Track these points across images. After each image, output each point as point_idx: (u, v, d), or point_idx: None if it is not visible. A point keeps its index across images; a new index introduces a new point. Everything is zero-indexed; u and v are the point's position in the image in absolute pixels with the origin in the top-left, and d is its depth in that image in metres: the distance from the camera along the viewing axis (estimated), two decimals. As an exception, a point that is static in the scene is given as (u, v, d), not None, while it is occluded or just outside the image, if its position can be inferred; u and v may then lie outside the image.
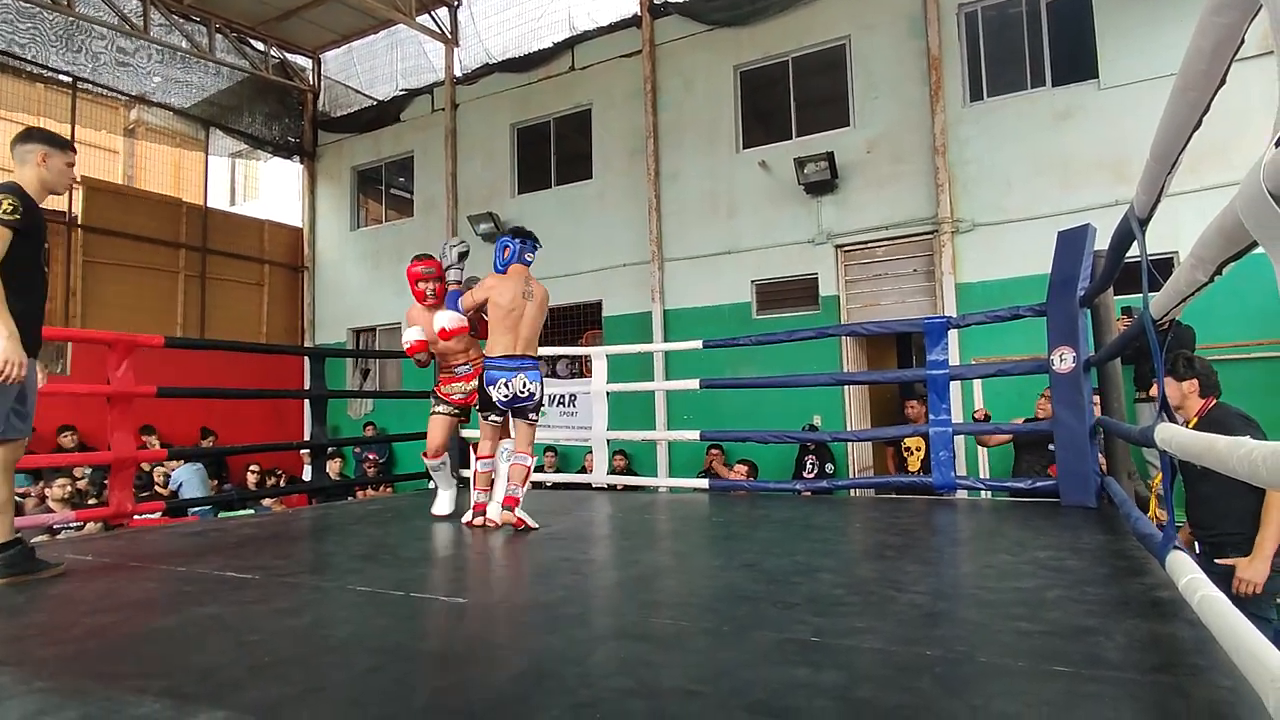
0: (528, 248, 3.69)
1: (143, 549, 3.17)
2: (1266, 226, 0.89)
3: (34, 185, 2.56)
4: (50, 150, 2.59)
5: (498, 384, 3.54)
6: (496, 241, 3.68)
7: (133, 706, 1.37)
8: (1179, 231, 6.00)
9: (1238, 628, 1.30)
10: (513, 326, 3.58)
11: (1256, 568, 2.88)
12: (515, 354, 3.58)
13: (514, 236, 3.67)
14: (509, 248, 3.66)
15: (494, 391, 3.54)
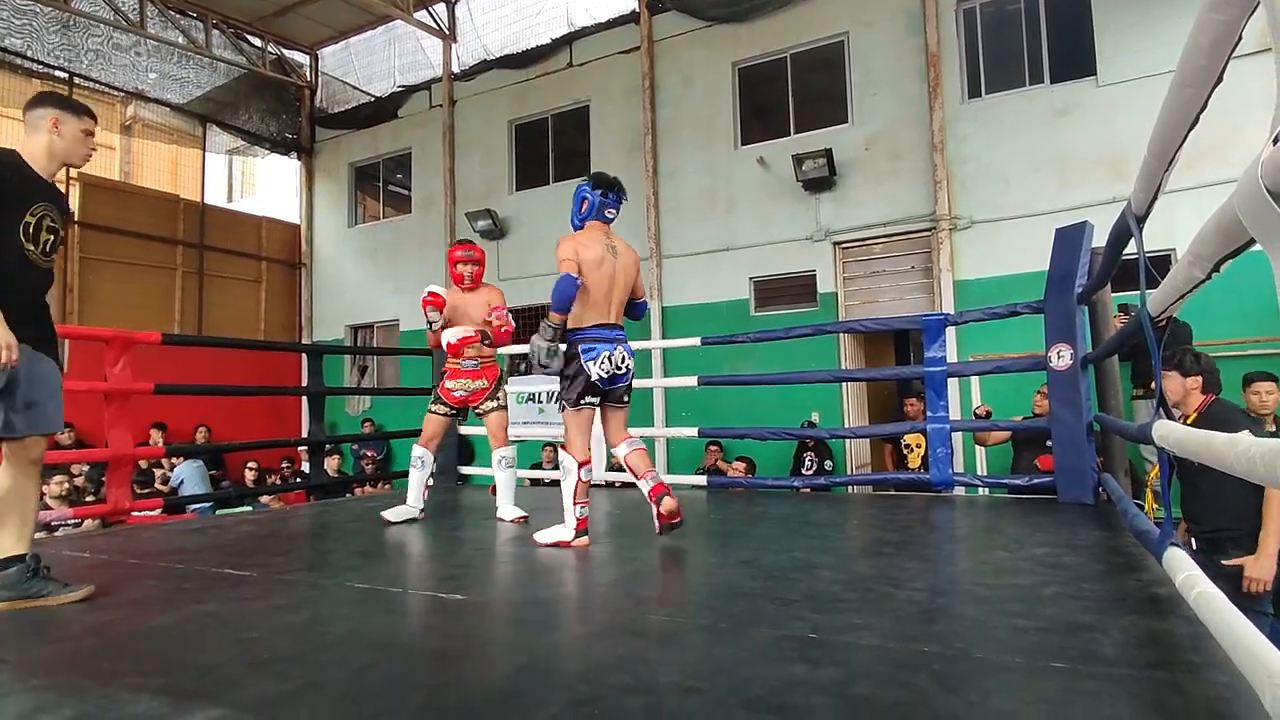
0: (609, 202, 3.11)
1: (141, 546, 3.16)
2: (1264, 224, 0.89)
3: (42, 154, 2.28)
4: (63, 115, 2.29)
5: (599, 359, 2.99)
6: (575, 192, 3.14)
7: (129, 704, 1.37)
8: (1176, 229, 6.00)
9: (1234, 624, 1.30)
10: (604, 290, 3.03)
11: (1263, 566, 2.89)
12: (610, 322, 3.06)
13: (594, 186, 3.09)
14: (586, 199, 3.10)
15: (594, 368, 2.98)
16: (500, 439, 3.88)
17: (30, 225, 2.22)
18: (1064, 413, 3.69)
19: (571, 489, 2.98)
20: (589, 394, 3.02)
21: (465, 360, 3.85)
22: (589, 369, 2.98)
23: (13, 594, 2.13)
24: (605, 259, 3.02)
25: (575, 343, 3.02)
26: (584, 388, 3.01)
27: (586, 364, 2.98)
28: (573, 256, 2.96)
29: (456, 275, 3.86)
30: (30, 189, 2.23)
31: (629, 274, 3.13)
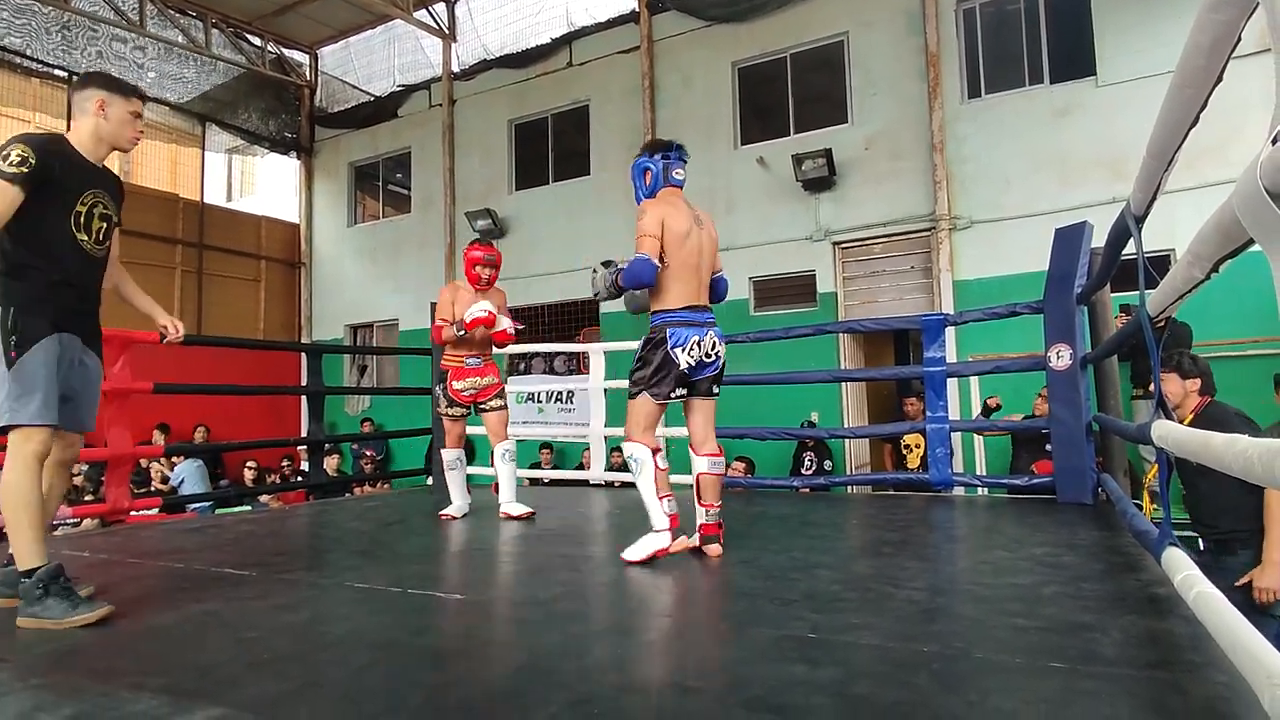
0: (673, 161, 2.75)
1: (140, 545, 3.16)
2: (1263, 224, 0.89)
3: (89, 138, 2.20)
4: (109, 96, 2.20)
5: (687, 345, 2.62)
6: (633, 167, 2.82)
7: (129, 703, 1.37)
8: (1175, 229, 5.99)
9: (1234, 624, 1.30)
10: (692, 266, 2.67)
11: (1270, 575, 2.87)
12: (699, 304, 2.71)
13: (651, 153, 2.76)
14: (650, 169, 2.75)
15: (682, 356, 2.61)
16: (501, 434, 3.87)
17: (81, 214, 2.17)
18: (1063, 413, 3.69)
19: (651, 483, 2.61)
20: (678, 385, 2.66)
21: (469, 358, 3.82)
22: (677, 357, 2.61)
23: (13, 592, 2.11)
24: (692, 231, 2.67)
25: (661, 327, 2.65)
26: (675, 379, 2.64)
27: (674, 351, 2.61)
28: (656, 231, 2.59)
29: (474, 276, 3.81)
30: (79, 176, 2.17)
31: (713, 248, 2.80)
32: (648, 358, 2.65)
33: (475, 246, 3.86)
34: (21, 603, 1.92)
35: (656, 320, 2.67)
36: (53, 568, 1.96)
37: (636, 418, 2.67)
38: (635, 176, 2.79)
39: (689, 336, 2.63)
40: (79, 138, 2.21)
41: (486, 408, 3.88)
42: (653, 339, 2.66)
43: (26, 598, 1.91)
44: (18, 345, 2.02)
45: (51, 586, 1.93)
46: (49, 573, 1.94)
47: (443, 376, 3.87)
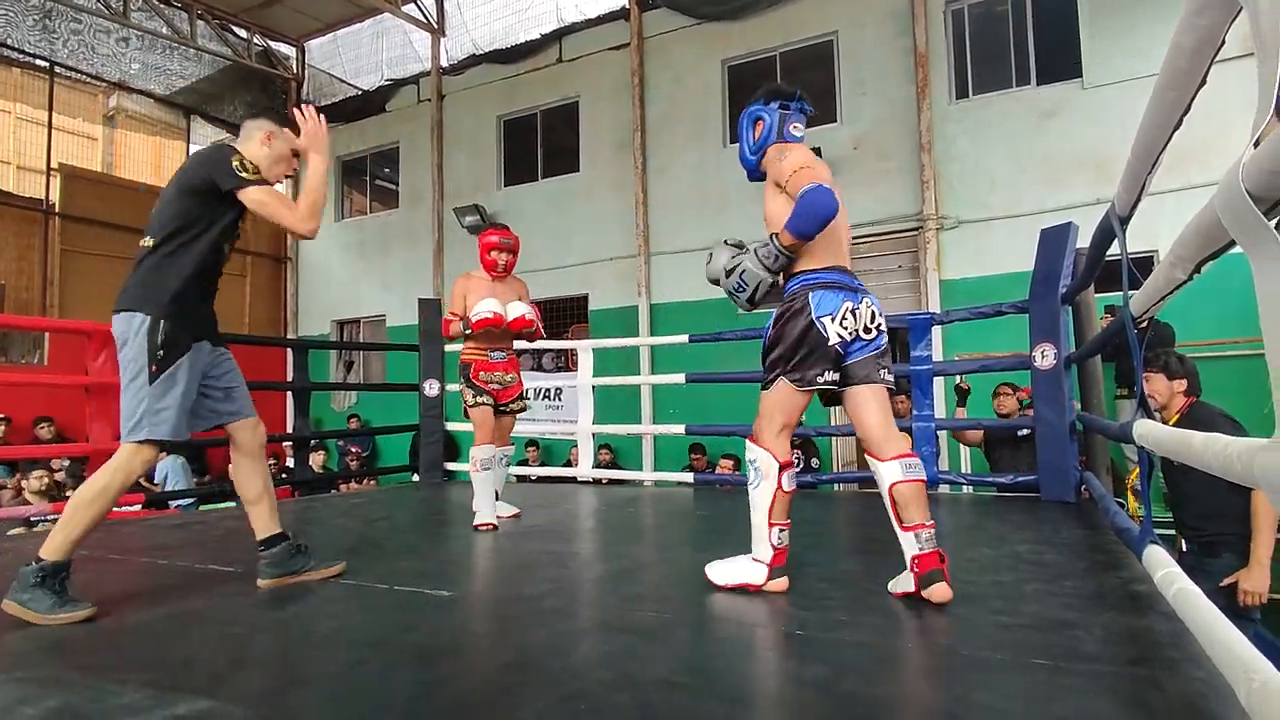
0: (792, 114, 2.31)
1: (123, 541, 3.13)
2: (1245, 225, 0.90)
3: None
4: (278, 131, 2.33)
5: (838, 313, 2.02)
6: (743, 117, 2.37)
7: (114, 696, 1.36)
8: (1159, 230, 6.06)
9: (1212, 621, 1.32)
10: (836, 224, 2.09)
11: (1256, 577, 2.88)
12: (848, 267, 2.16)
13: (767, 100, 2.31)
14: (763, 120, 2.30)
15: (830, 327, 2.01)
16: (506, 439, 3.72)
17: (236, 224, 2.27)
18: (1047, 412, 3.73)
19: (767, 502, 2.08)
20: (827, 368, 2.02)
21: (493, 352, 3.57)
22: (825, 329, 2.01)
23: (279, 570, 2.26)
24: (835, 185, 2.08)
25: (801, 292, 2.07)
26: (820, 360, 2.01)
27: (820, 322, 2.01)
28: (811, 163, 2.11)
29: (490, 262, 3.56)
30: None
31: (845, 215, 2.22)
32: (784, 333, 2.06)
33: (491, 231, 3.59)
34: (14, 585, 1.92)
35: (793, 285, 2.11)
36: (61, 563, 1.96)
37: (769, 413, 2.09)
38: (744, 127, 2.32)
39: (839, 302, 2.03)
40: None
41: (507, 410, 3.65)
42: (790, 309, 2.07)
43: (21, 581, 1.91)
44: (162, 361, 2.07)
45: (49, 580, 1.92)
46: (54, 566, 1.94)
47: (465, 370, 3.58)
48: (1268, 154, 0.82)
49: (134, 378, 2.06)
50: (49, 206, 9.66)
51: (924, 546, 1.94)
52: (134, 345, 2.07)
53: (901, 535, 1.99)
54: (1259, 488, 0.93)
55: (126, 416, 2.06)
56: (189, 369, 2.12)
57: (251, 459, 2.33)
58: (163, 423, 2.06)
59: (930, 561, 1.93)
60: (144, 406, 2.04)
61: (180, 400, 2.09)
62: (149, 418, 2.05)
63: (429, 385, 5.57)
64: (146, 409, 2.04)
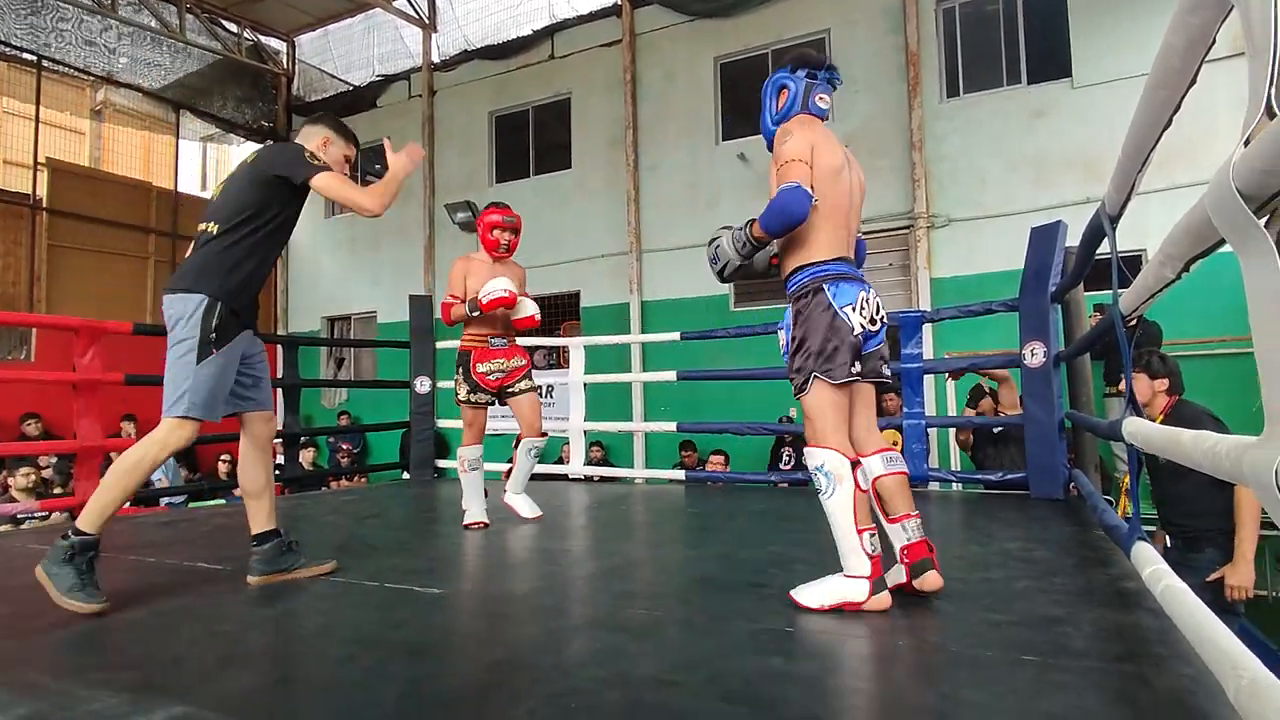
0: (819, 84, 2.13)
1: (110, 539, 3.09)
2: (1235, 224, 0.90)
3: None
4: (334, 137, 2.46)
5: (856, 302, 1.99)
6: (768, 84, 2.20)
7: (85, 702, 1.34)
8: (1147, 229, 6.10)
9: (1200, 617, 1.33)
10: (844, 210, 2.09)
11: (1242, 572, 2.92)
12: (852, 258, 2.13)
13: (794, 68, 2.15)
14: (787, 87, 2.14)
15: (854, 316, 1.97)
16: (535, 425, 3.38)
17: (297, 218, 2.39)
18: (1037, 409, 3.74)
19: (849, 508, 1.88)
20: (854, 359, 1.96)
21: (494, 338, 3.36)
22: (848, 318, 1.96)
23: (270, 568, 2.27)
24: (844, 169, 2.07)
25: (815, 282, 2.01)
26: (848, 351, 1.95)
27: (843, 310, 1.96)
28: (807, 156, 1.99)
29: (491, 242, 3.36)
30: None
31: (862, 197, 2.22)
32: (809, 329, 1.98)
33: (493, 209, 3.41)
34: (49, 555, 1.94)
35: (803, 277, 2.04)
36: (91, 541, 1.97)
37: (817, 414, 1.97)
38: (768, 96, 2.20)
39: (856, 292, 1.99)
40: None
41: (515, 390, 3.38)
42: (807, 305, 2.00)
43: (54, 554, 1.94)
44: (216, 343, 2.11)
45: (77, 558, 1.93)
46: (84, 544, 1.96)
47: (463, 359, 3.37)
48: (1258, 153, 0.83)
49: (182, 355, 2.09)
50: (36, 201, 9.57)
51: (912, 536, 1.98)
52: (188, 324, 2.10)
53: (889, 527, 2.02)
54: (1247, 485, 0.93)
55: (170, 392, 2.09)
56: (234, 354, 2.18)
57: (261, 451, 2.35)
58: (202, 402, 2.10)
59: (919, 551, 1.96)
60: (189, 384, 2.08)
61: (220, 382, 2.14)
62: (191, 395, 2.08)
63: (420, 382, 5.55)
64: (191, 386, 2.08)
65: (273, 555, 2.29)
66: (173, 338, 2.13)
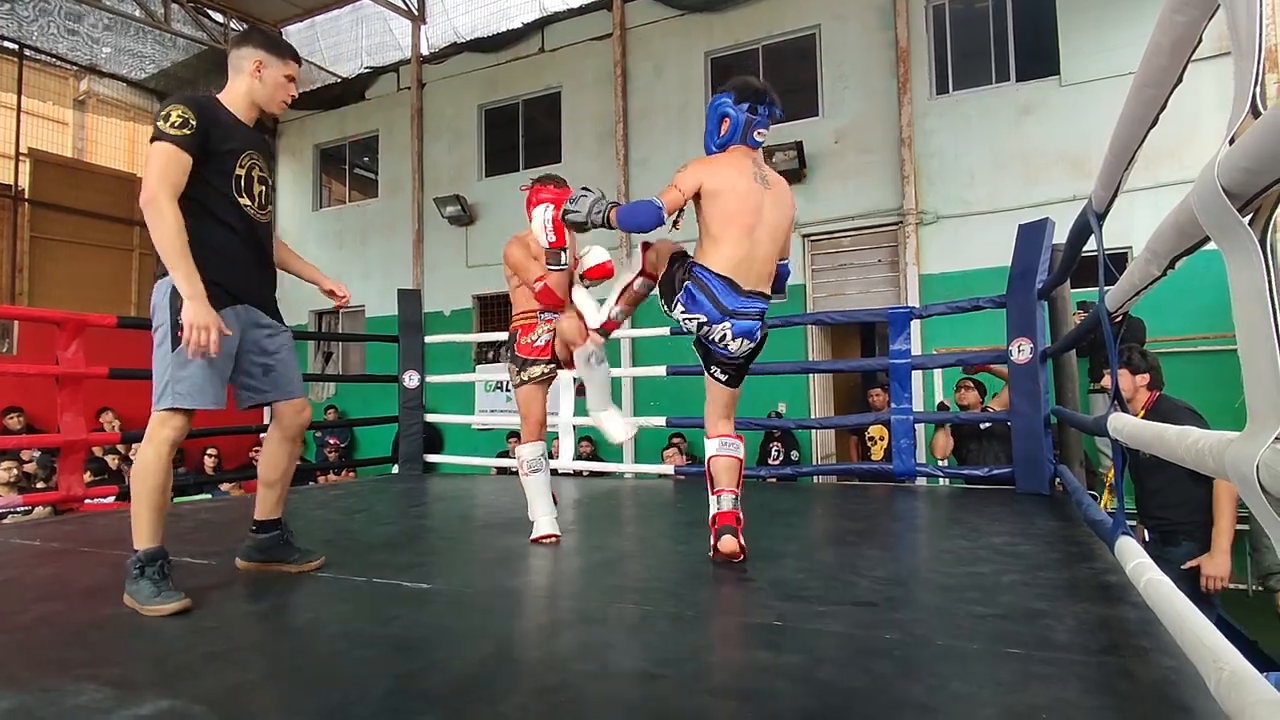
0: (759, 120, 2.34)
1: (95, 534, 3.08)
2: (1219, 221, 0.91)
3: (241, 100, 2.13)
4: (266, 57, 2.14)
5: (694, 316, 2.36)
6: (710, 107, 2.41)
7: (71, 696, 1.33)
8: (1132, 227, 6.16)
9: (1182, 610, 1.35)
10: (747, 227, 2.31)
11: (1218, 562, 2.98)
12: (748, 288, 2.36)
13: (736, 99, 2.33)
14: (728, 117, 2.34)
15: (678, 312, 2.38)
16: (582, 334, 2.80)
17: (241, 178, 2.09)
18: (1023, 405, 3.77)
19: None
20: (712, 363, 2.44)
21: (544, 312, 2.99)
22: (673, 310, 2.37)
23: (262, 556, 2.27)
24: (753, 190, 2.30)
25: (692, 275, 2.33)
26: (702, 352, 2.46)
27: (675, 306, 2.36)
28: (687, 190, 2.26)
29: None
30: (236, 139, 2.08)
31: (782, 221, 2.39)
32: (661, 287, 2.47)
33: (540, 187, 3.09)
34: (127, 575, 1.95)
35: (693, 265, 2.34)
36: (154, 550, 1.96)
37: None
38: (710, 119, 2.40)
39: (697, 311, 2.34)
40: (231, 98, 2.14)
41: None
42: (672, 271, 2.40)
43: (128, 572, 1.94)
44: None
45: (147, 569, 1.92)
46: (149, 554, 1.95)
47: (511, 340, 3.06)
48: (1243, 151, 0.83)
49: (159, 344, 2.00)
50: (18, 192, 9.45)
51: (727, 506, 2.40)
52: (159, 311, 2.00)
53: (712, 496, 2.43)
54: (1230, 480, 0.94)
55: (155, 385, 2.00)
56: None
57: (289, 441, 2.27)
58: (186, 390, 1.97)
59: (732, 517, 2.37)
60: (168, 374, 1.97)
61: (205, 367, 1.98)
62: (172, 386, 1.97)
63: (408, 377, 5.53)
64: (170, 376, 1.97)
65: (269, 545, 2.27)
66: (153, 327, 2.03)
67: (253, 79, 2.13)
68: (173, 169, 1.93)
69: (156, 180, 1.90)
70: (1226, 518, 2.97)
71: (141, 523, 1.98)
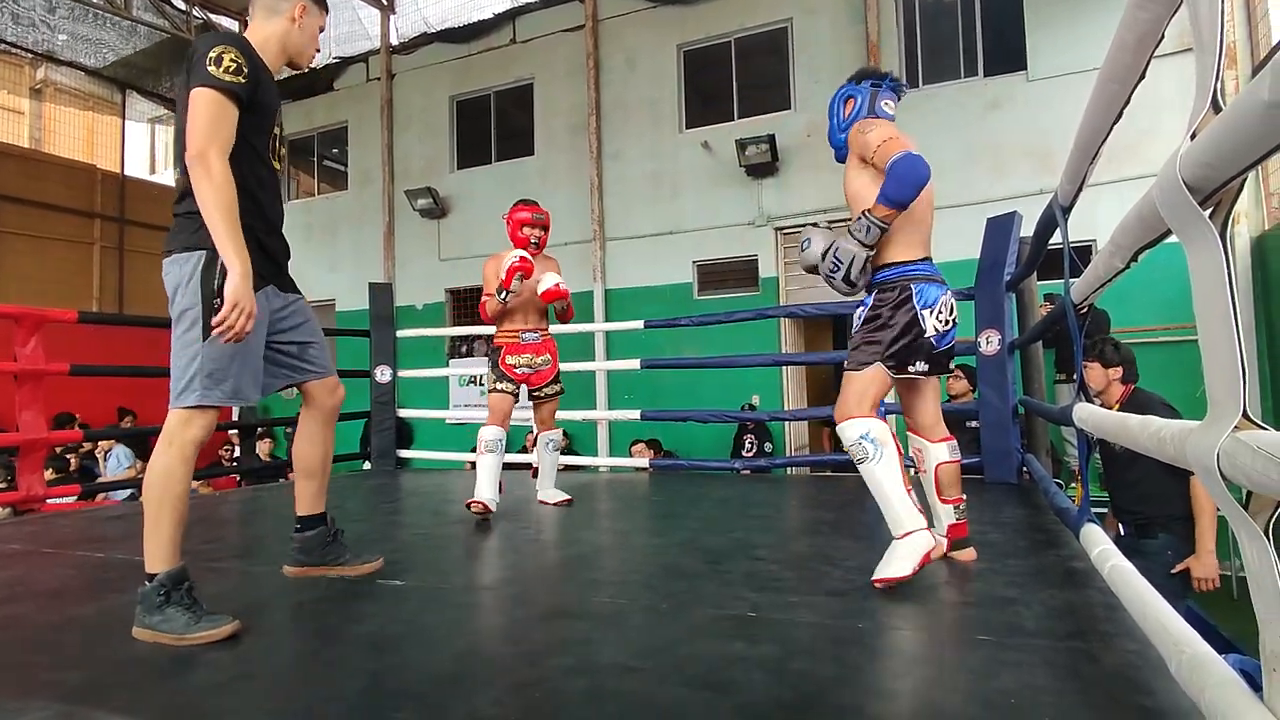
0: (884, 91, 2.29)
1: (57, 535, 3.01)
2: (1180, 215, 0.93)
3: (274, 47, 1.89)
4: (309, 4, 1.91)
5: (936, 307, 2.11)
6: (833, 99, 2.41)
7: (15, 714, 1.28)
8: (1097, 221, 6.28)
9: (1145, 596, 1.38)
10: (926, 207, 2.25)
11: (1205, 563, 2.96)
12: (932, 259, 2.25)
13: (858, 80, 2.34)
14: (853, 98, 2.31)
15: (929, 320, 2.09)
16: (550, 424, 3.59)
17: (278, 139, 1.89)
18: (991, 396, 3.83)
19: (897, 470, 2.00)
20: (921, 359, 2.10)
21: (525, 333, 3.42)
22: (924, 322, 2.08)
23: (310, 559, 2.08)
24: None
25: (903, 282, 2.13)
26: (918, 351, 2.09)
27: (922, 314, 2.08)
28: (896, 134, 2.11)
29: (522, 239, 3.39)
30: (274, 93, 1.86)
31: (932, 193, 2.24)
32: (888, 320, 2.09)
33: (521, 206, 3.44)
34: (140, 609, 1.66)
35: (892, 274, 2.15)
36: (177, 571, 1.69)
37: (862, 392, 2.07)
38: (834, 109, 2.35)
39: (937, 296, 2.12)
40: (261, 43, 1.86)
41: (542, 395, 3.50)
42: (892, 298, 2.11)
43: (146, 604, 1.65)
44: (220, 308, 1.67)
45: (174, 594, 1.65)
46: (172, 577, 1.67)
47: (495, 354, 3.46)
48: (1203, 146, 0.85)
49: (186, 330, 1.71)
50: (-29, 184, 9.18)
51: (958, 518, 2.23)
52: (187, 291, 1.71)
53: (941, 507, 2.24)
54: (1191, 469, 0.97)
55: (176, 378, 1.72)
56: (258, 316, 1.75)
57: (323, 425, 2.05)
58: (219, 385, 1.72)
59: (960, 531, 2.23)
60: (197, 365, 1.70)
61: (244, 356, 1.75)
62: (202, 379, 1.70)
63: (380, 372, 5.47)
64: (200, 368, 1.70)
65: (315, 545, 2.07)
66: (174, 312, 1.74)
67: (291, 24, 1.90)
68: (225, 122, 1.69)
69: (207, 133, 1.66)
70: (1208, 516, 2.94)
71: (161, 540, 1.69)
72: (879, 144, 2.08)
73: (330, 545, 2.13)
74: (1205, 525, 2.96)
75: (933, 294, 2.12)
